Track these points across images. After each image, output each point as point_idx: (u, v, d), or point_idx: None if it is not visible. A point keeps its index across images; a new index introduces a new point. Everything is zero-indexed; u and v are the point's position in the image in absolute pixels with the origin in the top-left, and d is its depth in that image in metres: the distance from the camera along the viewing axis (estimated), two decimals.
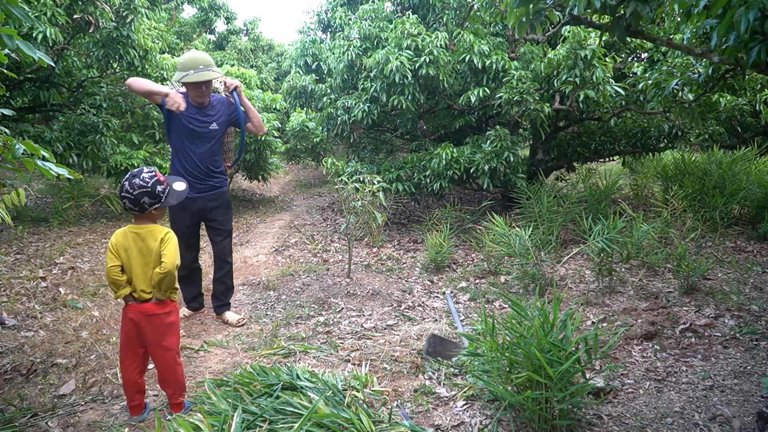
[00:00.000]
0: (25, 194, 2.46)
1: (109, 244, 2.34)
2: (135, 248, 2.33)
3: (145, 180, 2.31)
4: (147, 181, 2.31)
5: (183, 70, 3.20)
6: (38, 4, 5.41)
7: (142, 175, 2.33)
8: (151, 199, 2.32)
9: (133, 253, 2.33)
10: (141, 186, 2.30)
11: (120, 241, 2.34)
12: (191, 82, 3.21)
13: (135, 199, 2.31)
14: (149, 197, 2.31)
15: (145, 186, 2.31)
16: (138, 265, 2.33)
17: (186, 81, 3.19)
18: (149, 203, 2.32)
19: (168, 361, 2.41)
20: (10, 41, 1.88)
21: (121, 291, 2.34)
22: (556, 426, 2.17)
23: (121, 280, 2.32)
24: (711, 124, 6.60)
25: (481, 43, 5.82)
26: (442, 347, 3.07)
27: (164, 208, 2.41)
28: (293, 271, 5.02)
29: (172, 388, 2.45)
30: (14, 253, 5.06)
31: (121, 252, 2.33)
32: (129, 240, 2.34)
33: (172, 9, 14.84)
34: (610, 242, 3.77)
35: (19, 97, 6.95)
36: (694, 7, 2.61)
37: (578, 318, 2.45)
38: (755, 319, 3.35)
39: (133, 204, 2.32)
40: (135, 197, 2.30)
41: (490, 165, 5.62)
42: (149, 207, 2.33)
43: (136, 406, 2.46)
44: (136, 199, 2.31)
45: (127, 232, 2.36)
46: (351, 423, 2.09)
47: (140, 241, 2.33)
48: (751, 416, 2.31)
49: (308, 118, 9.61)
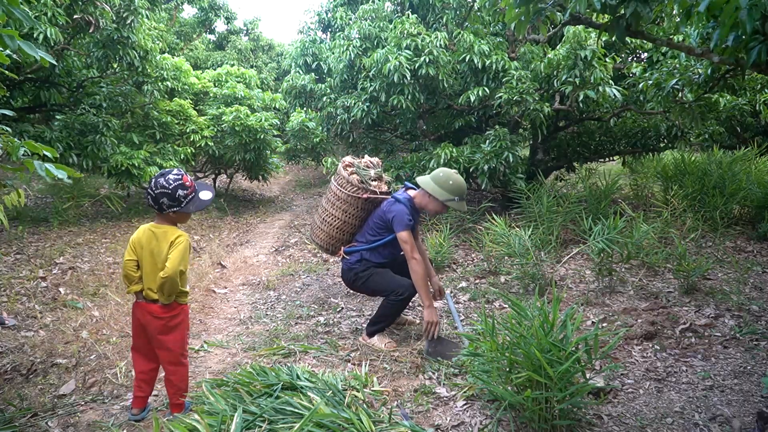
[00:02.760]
0: (24, 194, 2.46)
1: (130, 238, 2.39)
2: (148, 247, 2.35)
3: (168, 181, 2.32)
4: (171, 182, 2.32)
5: (451, 193, 3.14)
6: (38, 5, 5.41)
7: (168, 176, 2.33)
8: (170, 201, 2.32)
9: (146, 252, 2.35)
10: (163, 186, 2.31)
11: (138, 237, 2.37)
12: (451, 207, 3.20)
13: (155, 198, 2.32)
14: (168, 199, 2.32)
15: (166, 187, 2.31)
16: (148, 264, 2.35)
17: (450, 205, 3.17)
18: (168, 205, 2.32)
19: (171, 361, 2.42)
20: (12, 42, 1.89)
21: (132, 287, 2.37)
22: (556, 426, 2.17)
23: (134, 276, 2.36)
24: (711, 124, 6.60)
25: (481, 43, 5.82)
26: (443, 347, 3.07)
27: (185, 213, 2.40)
28: (293, 271, 5.03)
29: (173, 388, 2.46)
30: (14, 253, 5.06)
31: (137, 248, 2.36)
32: (145, 237, 2.36)
33: (172, 9, 14.84)
34: (610, 242, 3.77)
35: (20, 97, 6.95)
36: (694, 7, 2.61)
37: (579, 318, 2.45)
38: (755, 319, 3.35)
39: (153, 202, 2.34)
40: (155, 196, 2.32)
41: (489, 165, 5.62)
42: (167, 209, 2.33)
43: (138, 398, 2.48)
44: (156, 198, 2.32)
45: (146, 229, 2.38)
46: (351, 423, 2.09)
47: (154, 241, 2.35)
48: (751, 416, 2.31)
49: (308, 117, 9.61)
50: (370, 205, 3.33)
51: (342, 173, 3.33)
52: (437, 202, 3.18)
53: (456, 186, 3.15)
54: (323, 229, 3.45)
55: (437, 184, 3.15)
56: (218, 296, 4.36)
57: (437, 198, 3.15)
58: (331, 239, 3.44)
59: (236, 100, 8.87)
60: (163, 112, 7.79)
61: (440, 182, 3.15)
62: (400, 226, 3.10)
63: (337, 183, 3.36)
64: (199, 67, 14.06)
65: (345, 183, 3.32)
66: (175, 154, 7.44)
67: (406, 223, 3.09)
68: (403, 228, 3.09)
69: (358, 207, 3.33)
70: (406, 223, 3.09)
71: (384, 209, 3.24)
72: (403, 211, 3.13)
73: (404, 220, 3.10)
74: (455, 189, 3.15)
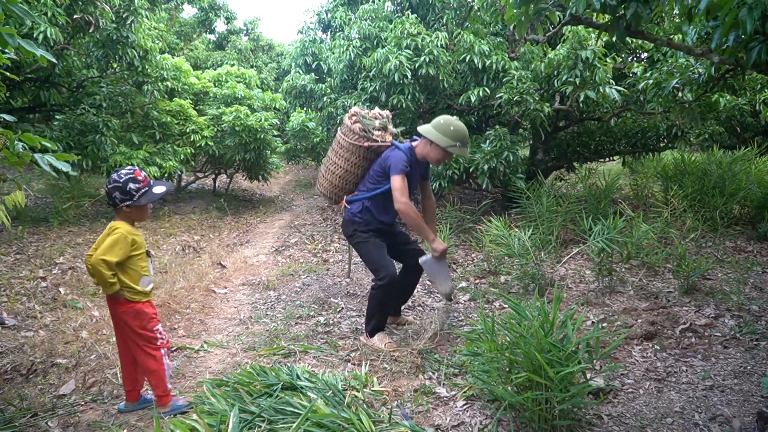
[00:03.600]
0: (24, 195, 2.46)
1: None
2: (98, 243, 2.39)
3: (120, 175, 2.36)
4: (122, 176, 2.35)
5: (453, 139, 3.10)
6: (38, 4, 5.41)
7: (120, 171, 2.38)
8: (121, 195, 2.34)
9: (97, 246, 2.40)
10: (115, 181, 2.35)
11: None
12: (454, 153, 3.17)
13: (108, 193, 2.37)
14: (120, 193, 2.34)
15: (117, 182, 2.34)
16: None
17: (452, 151, 3.13)
18: (120, 199, 2.35)
19: (137, 354, 2.45)
20: (12, 40, 1.89)
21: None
22: (556, 426, 2.17)
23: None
24: (711, 124, 6.60)
25: (481, 43, 5.82)
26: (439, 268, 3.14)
27: (139, 207, 2.41)
28: (293, 271, 5.03)
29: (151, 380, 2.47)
30: (14, 253, 5.06)
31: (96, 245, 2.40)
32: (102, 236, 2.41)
33: (172, 9, 14.84)
34: (610, 242, 3.77)
35: (19, 97, 6.95)
36: (694, 8, 2.61)
37: (579, 319, 2.45)
38: (755, 319, 3.35)
39: (108, 198, 2.38)
40: (109, 191, 2.36)
41: (489, 165, 5.62)
42: (120, 203, 2.36)
43: (129, 392, 2.52)
44: (109, 193, 2.36)
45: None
46: (351, 423, 2.09)
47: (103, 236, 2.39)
48: (751, 416, 2.31)
49: (308, 117, 9.62)
50: (372, 154, 3.32)
51: (346, 122, 3.34)
52: (438, 149, 3.14)
53: (457, 131, 3.11)
54: (326, 178, 3.46)
55: (438, 130, 3.12)
56: (218, 296, 4.36)
57: (438, 144, 3.12)
58: (334, 188, 3.44)
59: (236, 100, 8.87)
60: (163, 112, 7.78)
61: (441, 128, 3.12)
62: (395, 170, 3.09)
63: (341, 132, 3.37)
64: (199, 67, 14.06)
65: (348, 131, 3.32)
66: (175, 154, 7.44)
67: (400, 168, 3.08)
68: (397, 172, 3.08)
69: (360, 156, 3.32)
70: (401, 168, 3.08)
71: (383, 157, 3.24)
72: (401, 157, 3.12)
73: (399, 165, 3.09)
74: (456, 134, 3.11)
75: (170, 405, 2.47)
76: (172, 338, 3.42)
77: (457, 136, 3.11)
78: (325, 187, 3.48)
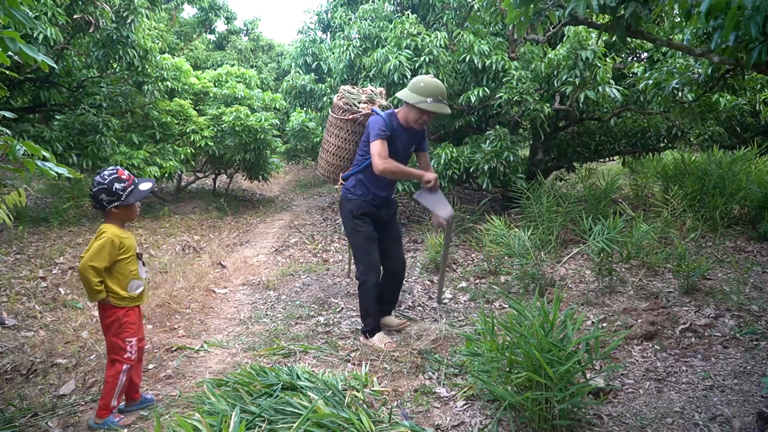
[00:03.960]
0: (25, 194, 2.46)
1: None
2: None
3: (104, 177, 2.32)
4: (106, 177, 2.32)
5: (423, 95, 3.00)
6: (38, 4, 5.41)
7: (103, 173, 2.34)
8: (108, 196, 2.31)
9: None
10: (99, 183, 2.31)
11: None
12: (425, 110, 3.04)
13: (95, 197, 2.33)
14: (106, 194, 2.31)
15: (102, 183, 2.31)
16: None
17: (424, 107, 3.01)
18: (107, 200, 2.32)
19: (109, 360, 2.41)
20: (13, 44, 1.89)
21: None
22: (556, 426, 2.17)
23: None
24: (711, 124, 6.59)
25: (481, 43, 5.82)
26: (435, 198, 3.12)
27: (128, 207, 2.38)
28: (293, 271, 5.03)
29: (104, 387, 2.39)
30: (14, 253, 5.06)
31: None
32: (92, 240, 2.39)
33: (172, 9, 14.84)
34: (610, 242, 3.77)
35: (19, 97, 6.95)
36: (694, 8, 2.61)
37: (579, 319, 2.45)
38: (755, 319, 3.35)
39: (95, 202, 2.34)
40: (95, 194, 2.32)
41: (489, 165, 5.62)
42: (108, 204, 2.33)
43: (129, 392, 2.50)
44: (96, 197, 2.32)
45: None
46: (351, 423, 2.09)
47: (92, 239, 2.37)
48: (751, 416, 2.31)
49: (308, 117, 9.61)
50: (360, 127, 3.33)
51: (334, 100, 3.38)
52: (412, 108, 3.07)
53: (428, 86, 3.02)
54: (323, 157, 3.50)
55: (409, 89, 3.08)
56: (218, 296, 4.36)
57: (408, 102, 3.06)
58: (330, 166, 3.47)
59: (236, 100, 8.87)
60: (163, 112, 7.78)
61: (411, 86, 3.07)
62: (372, 135, 3.07)
63: (330, 110, 3.41)
64: (199, 67, 14.06)
65: (334, 107, 3.35)
66: (175, 155, 7.44)
67: (377, 133, 3.04)
68: (374, 137, 3.05)
69: (348, 130, 3.34)
70: (377, 133, 3.04)
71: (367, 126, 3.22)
72: (377, 121, 3.09)
73: (375, 129, 3.06)
74: (427, 90, 3.01)
75: (106, 419, 2.37)
76: (172, 338, 3.42)
77: (427, 92, 3.01)
78: (323, 167, 3.52)
